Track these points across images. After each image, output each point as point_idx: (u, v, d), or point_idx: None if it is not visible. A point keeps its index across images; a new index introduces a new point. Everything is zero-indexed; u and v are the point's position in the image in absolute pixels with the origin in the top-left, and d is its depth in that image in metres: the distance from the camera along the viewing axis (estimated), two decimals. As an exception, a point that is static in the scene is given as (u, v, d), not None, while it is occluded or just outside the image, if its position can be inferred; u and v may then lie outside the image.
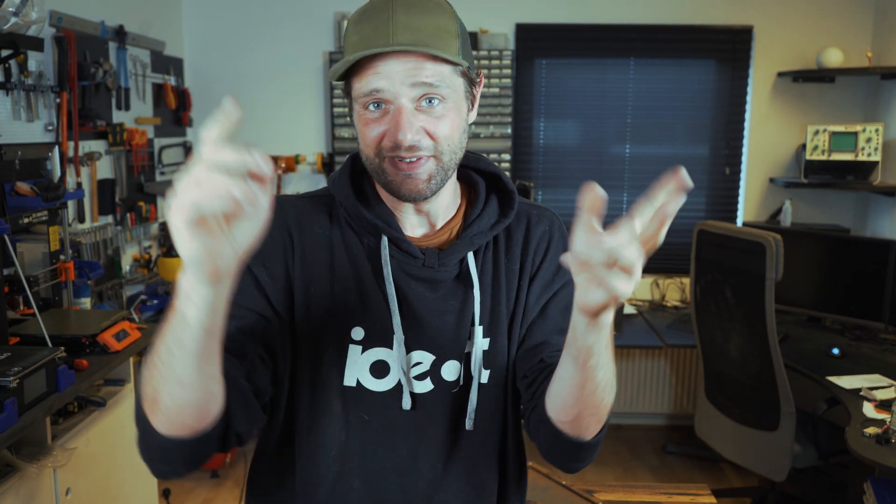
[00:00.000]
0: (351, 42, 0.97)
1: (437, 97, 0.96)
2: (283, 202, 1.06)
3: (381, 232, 1.04)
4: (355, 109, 0.99)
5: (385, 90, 0.94)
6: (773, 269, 2.53)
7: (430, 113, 0.97)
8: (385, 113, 0.96)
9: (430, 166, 0.98)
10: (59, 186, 2.47)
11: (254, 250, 0.90)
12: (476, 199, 1.11)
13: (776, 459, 2.69)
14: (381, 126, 0.97)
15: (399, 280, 1.04)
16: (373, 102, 0.96)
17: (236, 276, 0.87)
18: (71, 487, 2.02)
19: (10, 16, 2.27)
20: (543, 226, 1.14)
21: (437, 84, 0.95)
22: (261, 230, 0.71)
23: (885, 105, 3.60)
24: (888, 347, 2.95)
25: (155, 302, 3.31)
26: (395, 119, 0.95)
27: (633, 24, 3.75)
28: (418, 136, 0.96)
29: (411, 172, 0.98)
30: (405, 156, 0.96)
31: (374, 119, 0.97)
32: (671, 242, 4.54)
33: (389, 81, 0.94)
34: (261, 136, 3.88)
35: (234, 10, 3.82)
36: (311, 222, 1.05)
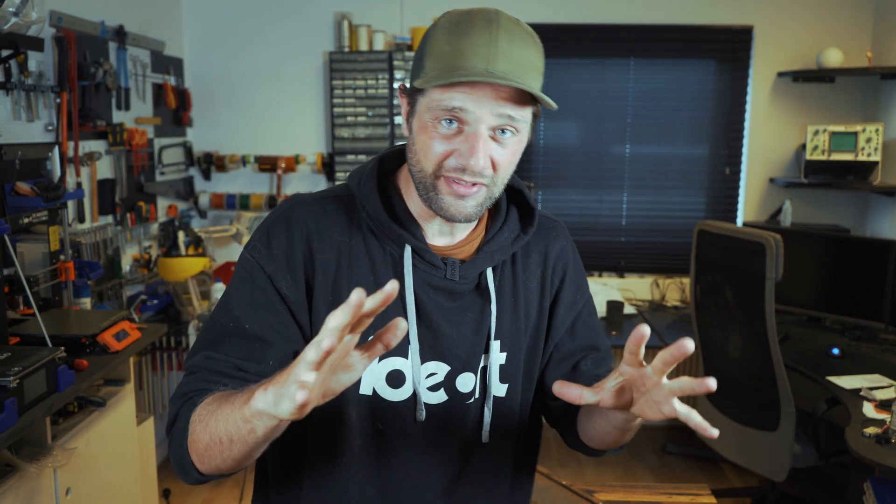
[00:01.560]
0: (442, 50, 0.94)
1: (511, 129, 0.96)
2: (302, 207, 1.05)
3: (406, 242, 1.03)
4: (421, 117, 0.97)
5: (470, 111, 0.93)
6: (773, 269, 2.53)
7: (499, 142, 0.96)
8: (458, 132, 0.95)
9: (482, 194, 0.98)
10: (59, 186, 2.47)
11: (277, 260, 1.01)
12: (497, 213, 1.11)
13: (776, 459, 2.69)
14: (451, 144, 0.95)
15: (418, 289, 1.04)
16: (449, 118, 0.94)
17: (263, 289, 1.01)
18: (71, 487, 2.02)
19: (10, 16, 2.27)
20: (560, 242, 1.16)
21: (517, 119, 0.96)
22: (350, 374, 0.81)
23: (885, 105, 3.60)
24: (888, 347, 2.95)
25: (155, 302, 3.31)
26: (472, 143, 0.94)
27: (633, 24, 3.75)
28: (487, 165, 0.96)
29: (466, 196, 0.97)
30: (466, 179, 0.96)
31: (444, 135, 0.95)
32: (671, 242, 4.54)
33: (477, 104, 0.93)
34: (261, 136, 3.89)
35: (234, 10, 3.82)
36: (331, 229, 1.04)
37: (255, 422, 0.78)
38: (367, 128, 3.74)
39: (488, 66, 0.91)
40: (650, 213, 3.95)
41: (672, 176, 3.91)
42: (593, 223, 3.97)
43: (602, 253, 3.95)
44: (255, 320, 1.00)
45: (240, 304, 1.01)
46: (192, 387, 0.96)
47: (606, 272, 3.96)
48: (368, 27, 3.70)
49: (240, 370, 0.97)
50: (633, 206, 3.95)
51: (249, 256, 1.03)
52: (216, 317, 1.02)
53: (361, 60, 3.68)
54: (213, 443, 0.86)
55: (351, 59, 3.69)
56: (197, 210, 3.86)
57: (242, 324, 0.99)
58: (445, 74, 0.92)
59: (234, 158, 3.81)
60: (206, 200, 3.84)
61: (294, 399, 0.70)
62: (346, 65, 3.69)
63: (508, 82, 0.91)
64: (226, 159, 3.81)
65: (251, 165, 3.83)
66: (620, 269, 3.93)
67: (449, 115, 0.94)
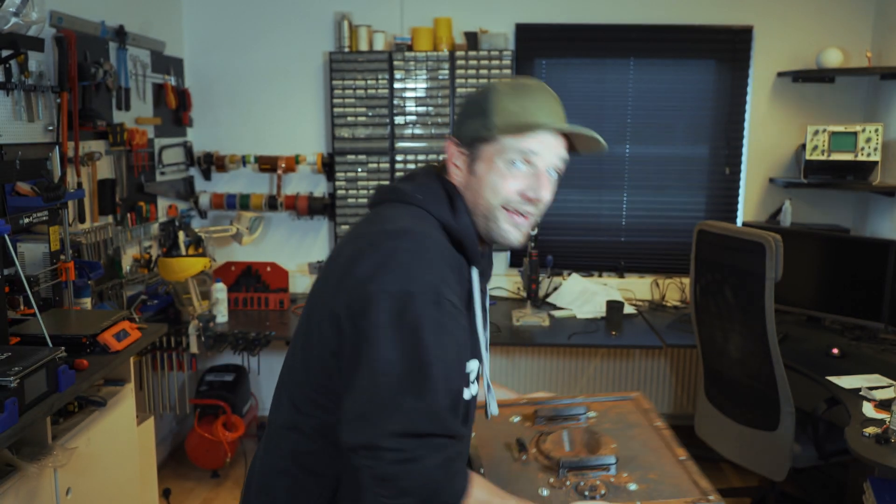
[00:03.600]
0: (510, 110, 1.18)
1: (558, 172, 1.24)
2: (442, 246, 1.16)
3: (475, 264, 1.23)
4: (491, 160, 1.19)
5: (541, 155, 1.20)
6: (773, 269, 2.53)
7: (549, 182, 1.23)
8: (530, 173, 1.20)
9: (530, 223, 1.24)
10: (59, 186, 2.47)
11: (456, 306, 1.14)
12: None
13: (776, 459, 2.69)
14: (521, 183, 1.20)
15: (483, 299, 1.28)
16: (522, 161, 1.19)
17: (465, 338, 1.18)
18: (71, 487, 2.02)
19: (10, 16, 2.27)
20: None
21: (565, 162, 1.24)
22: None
23: (885, 105, 3.60)
24: (888, 347, 2.95)
25: (155, 302, 3.31)
26: (542, 180, 1.21)
27: (633, 24, 3.76)
28: (551, 198, 1.23)
29: (522, 226, 1.22)
30: (528, 211, 1.21)
31: (517, 175, 1.20)
32: (671, 242, 4.52)
33: (548, 151, 1.20)
34: (261, 136, 3.89)
35: (234, 10, 3.82)
36: (459, 265, 1.20)
37: None
38: (367, 128, 3.74)
39: (558, 121, 1.20)
40: (650, 213, 3.95)
41: (672, 176, 3.91)
42: (593, 223, 3.97)
43: (602, 253, 3.95)
44: (461, 365, 1.14)
45: (449, 349, 1.08)
46: (462, 463, 1.10)
47: (606, 272, 3.96)
48: (368, 27, 3.70)
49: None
50: (632, 206, 3.95)
51: (442, 298, 1.08)
52: (437, 370, 1.04)
53: (361, 60, 3.68)
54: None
55: (351, 59, 3.69)
56: (197, 210, 3.86)
57: (459, 371, 1.13)
58: (526, 126, 1.17)
59: (234, 158, 3.81)
60: (206, 200, 3.84)
61: None
62: (346, 65, 3.69)
63: (581, 131, 1.20)
64: (226, 159, 3.81)
65: (251, 165, 3.83)
66: (620, 269, 3.93)
67: (521, 158, 1.19)
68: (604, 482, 1.19)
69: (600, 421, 1.46)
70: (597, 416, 1.48)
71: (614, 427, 1.42)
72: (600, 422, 1.45)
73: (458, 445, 1.06)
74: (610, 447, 1.30)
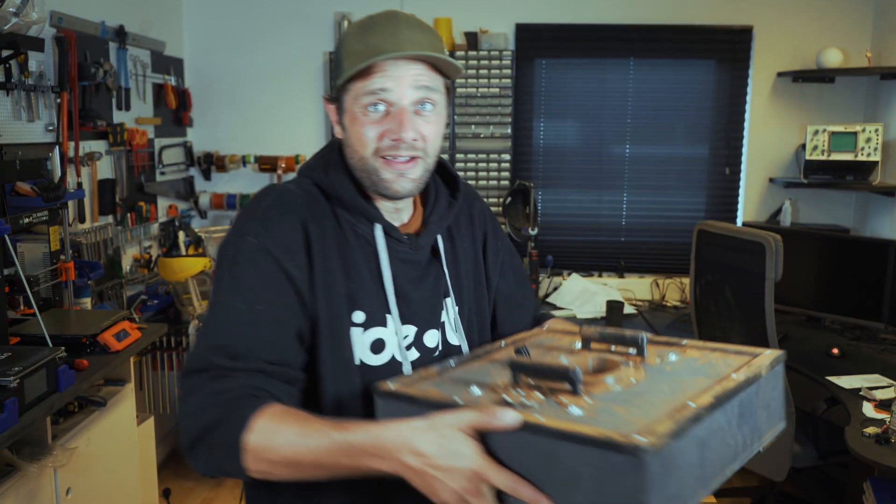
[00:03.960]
0: (354, 50, 1.08)
1: (430, 102, 1.10)
2: (290, 194, 1.12)
3: (375, 221, 1.13)
4: (350, 110, 1.10)
5: (391, 90, 1.06)
6: (773, 269, 2.53)
7: (423, 116, 1.10)
8: (386, 115, 1.08)
9: (419, 167, 1.11)
10: (59, 186, 2.47)
11: (282, 243, 1.06)
12: (429, 189, 1.23)
13: (776, 459, 2.69)
14: (381, 126, 1.08)
15: (392, 264, 1.15)
16: (374, 104, 1.07)
17: (272, 272, 1.06)
18: (71, 487, 2.02)
19: (10, 16, 2.28)
20: (478, 205, 1.32)
21: (434, 89, 1.10)
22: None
23: (885, 105, 3.60)
24: (888, 347, 2.95)
25: (155, 302, 3.31)
26: (399, 119, 1.07)
27: (633, 24, 3.76)
28: (417, 136, 1.09)
29: (405, 171, 1.10)
30: (403, 154, 1.08)
31: (374, 120, 1.08)
32: (671, 242, 4.51)
33: (397, 83, 1.07)
34: (261, 136, 3.89)
35: (234, 10, 3.82)
36: (319, 213, 1.11)
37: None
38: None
39: (397, 48, 1.05)
40: (650, 213, 3.95)
41: (672, 176, 3.91)
42: (593, 223, 3.97)
43: (602, 253, 3.95)
44: (271, 304, 1.04)
45: (249, 286, 1.04)
46: (232, 394, 0.96)
47: (606, 272, 3.96)
48: (368, 27, 3.70)
49: (270, 364, 1.01)
50: (632, 206, 3.95)
51: (253, 240, 1.06)
52: (229, 304, 1.04)
53: (361, 60, 3.68)
54: (301, 465, 0.92)
55: (351, 59, 3.68)
56: (197, 210, 3.86)
57: (257, 306, 1.03)
58: (366, 65, 1.05)
59: (234, 158, 3.81)
60: (206, 200, 3.84)
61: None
62: (346, 65, 3.69)
63: (417, 51, 1.06)
64: (226, 159, 3.81)
65: (251, 165, 3.83)
66: (620, 269, 3.93)
67: (375, 100, 1.07)
68: (551, 396, 0.91)
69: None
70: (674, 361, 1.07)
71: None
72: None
73: (230, 385, 0.97)
74: (609, 375, 0.97)
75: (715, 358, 1.09)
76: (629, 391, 0.93)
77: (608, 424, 0.80)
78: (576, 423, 0.80)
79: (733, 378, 0.96)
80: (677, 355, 1.10)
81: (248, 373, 0.99)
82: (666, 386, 0.95)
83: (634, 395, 0.92)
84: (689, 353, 1.12)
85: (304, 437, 0.92)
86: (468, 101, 3.78)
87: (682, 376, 0.99)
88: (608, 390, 0.93)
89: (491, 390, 0.96)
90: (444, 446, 0.83)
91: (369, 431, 0.88)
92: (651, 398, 0.90)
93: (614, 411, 0.85)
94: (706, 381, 0.96)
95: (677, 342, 1.15)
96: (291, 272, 1.05)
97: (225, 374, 0.99)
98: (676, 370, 1.03)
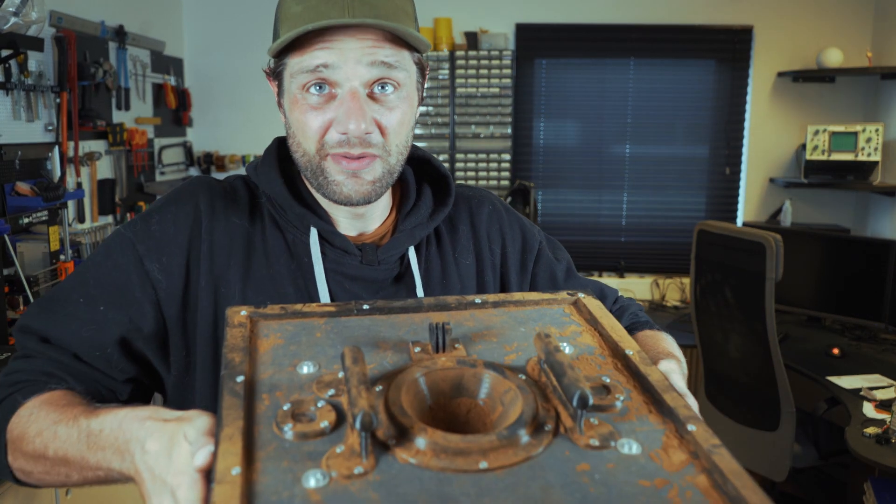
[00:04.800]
0: (292, 12, 0.82)
1: (391, 83, 0.84)
2: (201, 185, 0.92)
3: (310, 223, 0.90)
4: (290, 91, 0.86)
5: (335, 67, 0.81)
6: (773, 269, 2.53)
7: (382, 102, 0.84)
8: (330, 98, 0.84)
9: (377, 167, 0.86)
10: (59, 186, 2.47)
11: (154, 238, 0.87)
12: (407, 191, 0.98)
13: (776, 459, 2.69)
14: (326, 114, 0.84)
15: (331, 282, 0.90)
16: (316, 83, 0.83)
17: (125, 268, 0.87)
18: (70, 487, 2.01)
19: (10, 16, 2.27)
20: (485, 208, 1.04)
21: (396, 65, 0.83)
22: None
23: (885, 105, 3.59)
24: (888, 347, 2.94)
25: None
26: (347, 105, 0.82)
27: (633, 24, 3.75)
28: (371, 128, 0.84)
29: (358, 171, 0.85)
30: (353, 152, 0.84)
31: (316, 105, 0.84)
32: (671, 242, 4.51)
33: (342, 58, 0.81)
34: (261, 136, 3.88)
35: (234, 10, 3.82)
36: (228, 209, 0.91)
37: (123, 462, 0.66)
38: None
39: (346, 14, 0.79)
40: (650, 213, 3.95)
41: (672, 176, 3.91)
42: (593, 223, 3.97)
43: (602, 253, 3.95)
44: (106, 301, 0.87)
45: (97, 279, 0.88)
46: (22, 377, 0.83)
47: (606, 272, 3.96)
48: (368, 27, 3.70)
49: (77, 360, 0.86)
50: (632, 206, 3.95)
51: (123, 231, 0.90)
52: (68, 284, 0.89)
53: (361, 60, 3.68)
54: (49, 461, 0.74)
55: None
56: (197, 210, 3.86)
57: (93, 303, 0.87)
58: (303, 32, 0.80)
59: (234, 158, 3.81)
60: (206, 200, 3.84)
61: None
62: (346, 65, 3.69)
63: (364, 20, 0.79)
64: (226, 159, 3.81)
65: (251, 165, 3.83)
66: (620, 269, 3.93)
67: (314, 79, 0.82)
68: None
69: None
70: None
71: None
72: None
73: (26, 368, 0.84)
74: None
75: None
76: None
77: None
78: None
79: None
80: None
81: (52, 360, 0.85)
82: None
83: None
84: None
85: (57, 423, 0.73)
86: (468, 101, 3.78)
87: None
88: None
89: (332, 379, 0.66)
90: (166, 449, 0.61)
91: (117, 415, 0.68)
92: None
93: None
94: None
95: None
96: (153, 274, 0.87)
97: (30, 356, 0.86)
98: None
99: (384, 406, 0.63)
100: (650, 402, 0.68)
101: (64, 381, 0.83)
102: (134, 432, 0.65)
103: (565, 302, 0.84)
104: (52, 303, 0.89)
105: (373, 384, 0.66)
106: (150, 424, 0.64)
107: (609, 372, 0.72)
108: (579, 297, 0.84)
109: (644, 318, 1.09)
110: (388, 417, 0.61)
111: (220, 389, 0.64)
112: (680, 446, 0.62)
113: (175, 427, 0.62)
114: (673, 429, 0.64)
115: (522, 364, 0.72)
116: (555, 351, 0.66)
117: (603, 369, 0.73)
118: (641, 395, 0.69)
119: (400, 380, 0.66)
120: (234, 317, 0.76)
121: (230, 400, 0.63)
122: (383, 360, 0.72)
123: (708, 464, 0.58)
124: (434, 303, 0.81)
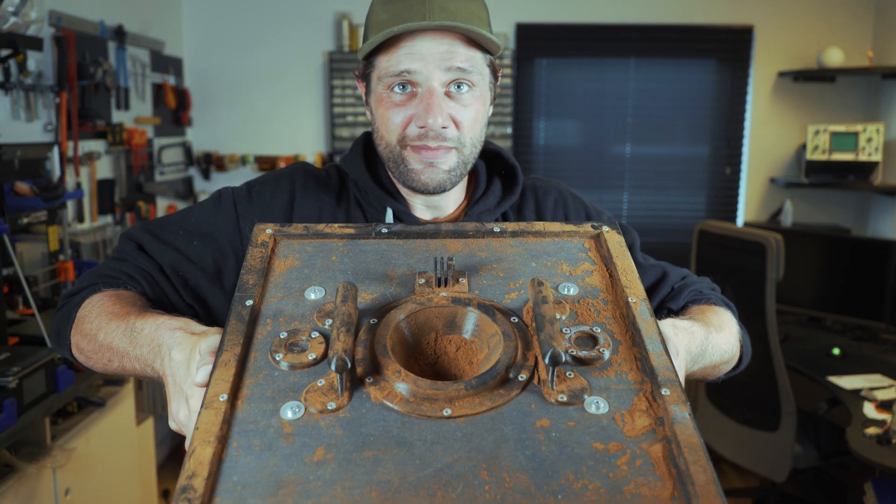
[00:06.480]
0: (379, 20, 0.93)
1: (466, 83, 0.94)
2: (301, 168, 1.07)
3: (387, 205, 1.01)
4: (376, 91, 0.97)
5: (417, 71, 0.92)
6: (774, 269, 2.53)
7: (458, 100, 0.95)
8: (412, 96, 0.94)
9: (451, 158, 0.96)
10: (58, 186, 2.46)
11: (255, 204, 1.01)
12: (478, 181, 1.08)
13: (777, 460, 2.69)
14: (408, 110, 0.95)
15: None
16: (400, 84, 0.94)
17: (223, 222, 1.01)
18: (70, 487, 2.01)
19: (9, 15, 2.27)
20: (552, 196, 1.12)
21: (470, 70, 0.94)
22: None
23: (886, 105, 3.59)
24: (889, 347, 2.94)
25: (155, 302, 3.30)
26: (426, 102, 0.93)
27: (633, 24, 3.75)
28: (447, 123, 0.94)
29: (434, 161, 0.95)
30: (431, 144, 0.94)
31: (399, 102, 0.95)
32: (671, 242, 4.50)
33: (423, 63, 0.92)
34: (260, 135, 3.88)
35: (234, 10, 3.82)
36: (319, 189, 1.03)
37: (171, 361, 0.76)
38: (366, 127, 3.73)
39: (424, 19, 0.90)
40: (650, 213, 3.95)
41: (672, 176, 3.91)
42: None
43: (602, 253, 3.95)
44: (202, 239, 1.00)
45: (198, 220, 1.02)
46: (110, 272, 0.97)
47: (607, 272, 3.95)
48: (368, 27, 3.70)
49: (161, 272, 0.98)
50: (633, 205, 3.94)
51: (231, 190, 1.04)
52: (173, 218, 1.03)
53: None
54: (99, 344, 0.87)
55: (351, 59, 3.68)
56: (197, 210, 3.86)
57: (189, 236, 1.00)
58: (386, 37, 0.91)
59: (234, 158, 3.81)
60: (205, 200, 3.83)
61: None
62: (346, 65, 3.69)
63: (443, 23, 0.89)
64: (225, 159, 3.80)
65: (251, 165, 3.83)
66: (621, 269, 3.92)
67: (398, 81, 0.93)
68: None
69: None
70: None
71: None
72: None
73: (117, 267, 0.97)
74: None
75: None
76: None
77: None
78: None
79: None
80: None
81: (138, 267, 0.98)
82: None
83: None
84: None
85: (114, 315, 0.86)
86: (468, 101, 3.77)
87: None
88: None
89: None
90: (187, 360, 0.72)
91: (157, 321, 0.80)
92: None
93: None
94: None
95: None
96: (244, 232, 1.00)
97: (123, 259, 0.99)
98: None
99: (370, 342, 0.66)
100: (636, 357, 0.67)
101: (139, 285, 0.95)
102: (165, 339, 0.76)
103: (587, 235, 0.85)
104: (156, 226, 1.02)
105: (370, 316, 0.70)
106: (178, 335, 0.75)
107: (606, 320, 0.72)
108: (603, 230, 0.85)
109: (707, 294, 1.16)
110: (371, 355, 0.65)
111: (230, 311, 0.70)
112: (648, 410, 0.61)
113: (197, 342, 0.72)
114: (648, 390, 0.63)
115: (519, 305, 0.73)
116: (542, 302, 0.67)
117: (601, 316, 0.72)
118: (630, 349, 0.68)
119: (392, 315, 0.70)
120: (259, 235, 0.81)
121: (235, 325, 0.69)
122: (387, 290, 0.75)
123: (669, 432, 0.59)
124: (452, 229, 0.85)
